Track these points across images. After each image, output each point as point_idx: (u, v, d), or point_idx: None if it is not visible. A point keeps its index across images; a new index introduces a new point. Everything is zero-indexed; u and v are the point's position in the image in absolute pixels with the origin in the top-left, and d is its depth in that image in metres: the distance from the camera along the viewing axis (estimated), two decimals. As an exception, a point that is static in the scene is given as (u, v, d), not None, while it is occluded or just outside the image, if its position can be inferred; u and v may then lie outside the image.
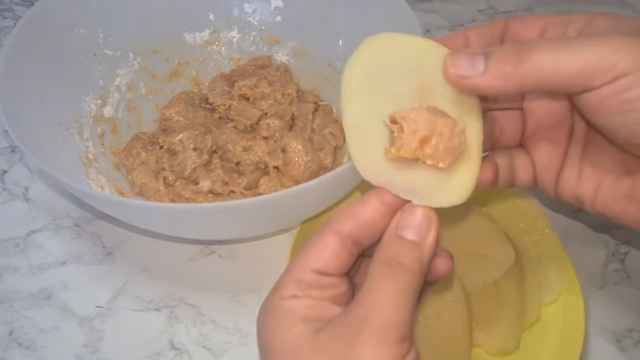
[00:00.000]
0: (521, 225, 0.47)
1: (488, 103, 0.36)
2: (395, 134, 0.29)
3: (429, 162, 0.29)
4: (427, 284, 0.32)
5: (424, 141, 0.29)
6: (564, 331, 0.43)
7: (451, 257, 0.32)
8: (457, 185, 0.30)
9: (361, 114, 0.30)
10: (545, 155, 0.35)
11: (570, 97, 0.32)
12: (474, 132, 0.30)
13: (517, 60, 0.28)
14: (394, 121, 0.29)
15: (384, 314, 0.27)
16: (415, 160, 0.29)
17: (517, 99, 0.36)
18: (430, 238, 0.29)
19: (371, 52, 0.30)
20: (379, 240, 0.30)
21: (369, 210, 0.30)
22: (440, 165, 0.29)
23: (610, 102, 0.28)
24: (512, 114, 0.36)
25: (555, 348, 0.42)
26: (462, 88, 0.30)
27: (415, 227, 0.29)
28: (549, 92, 0.34)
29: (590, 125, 0.33)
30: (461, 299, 0.42)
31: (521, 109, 0.36)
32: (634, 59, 0.27)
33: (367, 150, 0.30)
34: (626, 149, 0.32)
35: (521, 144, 0.37)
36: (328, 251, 0.29)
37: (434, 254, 0.30)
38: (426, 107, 0.29)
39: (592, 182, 0.34)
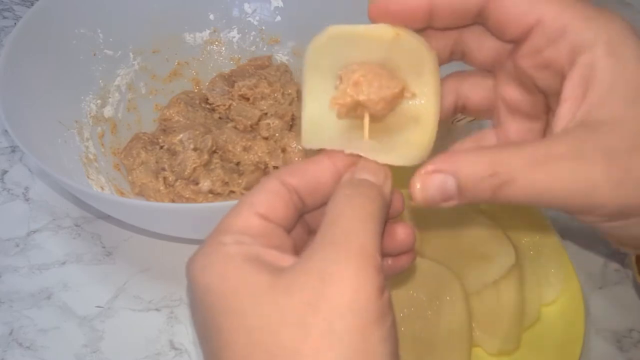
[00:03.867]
0: (521, 225, 0.47)
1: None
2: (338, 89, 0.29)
3: (361, 97, 0.28)
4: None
5: (358, 82, 0.28)
6: (564, 331, 0.43)
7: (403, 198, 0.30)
8: (406, 149, 0.29)
9: (316, 98, 0.31)
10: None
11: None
12: (428, 100, 0.29)
13: (495, 194, 0.25)
14: (340, 79, 0.29)
15: (359, 239, 0.24)
16: (361, 126, 0.29)
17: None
18: (388, 185, 0.28)
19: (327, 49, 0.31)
20: (321, 205, 0.28)
21: (319, 168, 0.28)
22: (372, 97, 0.28)
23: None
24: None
25: (555, 348, 0.42)
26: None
27: (371, 172, 0.28)
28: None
29: None
30: (461, 299, 0.42)
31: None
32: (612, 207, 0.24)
33: (317, 124, 0.30)
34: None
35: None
36: (275, 197, 0.27)
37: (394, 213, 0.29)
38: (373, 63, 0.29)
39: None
